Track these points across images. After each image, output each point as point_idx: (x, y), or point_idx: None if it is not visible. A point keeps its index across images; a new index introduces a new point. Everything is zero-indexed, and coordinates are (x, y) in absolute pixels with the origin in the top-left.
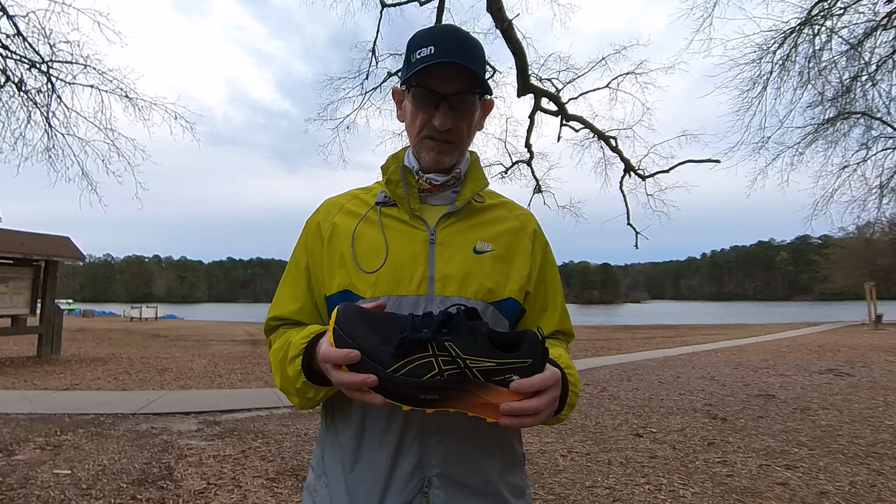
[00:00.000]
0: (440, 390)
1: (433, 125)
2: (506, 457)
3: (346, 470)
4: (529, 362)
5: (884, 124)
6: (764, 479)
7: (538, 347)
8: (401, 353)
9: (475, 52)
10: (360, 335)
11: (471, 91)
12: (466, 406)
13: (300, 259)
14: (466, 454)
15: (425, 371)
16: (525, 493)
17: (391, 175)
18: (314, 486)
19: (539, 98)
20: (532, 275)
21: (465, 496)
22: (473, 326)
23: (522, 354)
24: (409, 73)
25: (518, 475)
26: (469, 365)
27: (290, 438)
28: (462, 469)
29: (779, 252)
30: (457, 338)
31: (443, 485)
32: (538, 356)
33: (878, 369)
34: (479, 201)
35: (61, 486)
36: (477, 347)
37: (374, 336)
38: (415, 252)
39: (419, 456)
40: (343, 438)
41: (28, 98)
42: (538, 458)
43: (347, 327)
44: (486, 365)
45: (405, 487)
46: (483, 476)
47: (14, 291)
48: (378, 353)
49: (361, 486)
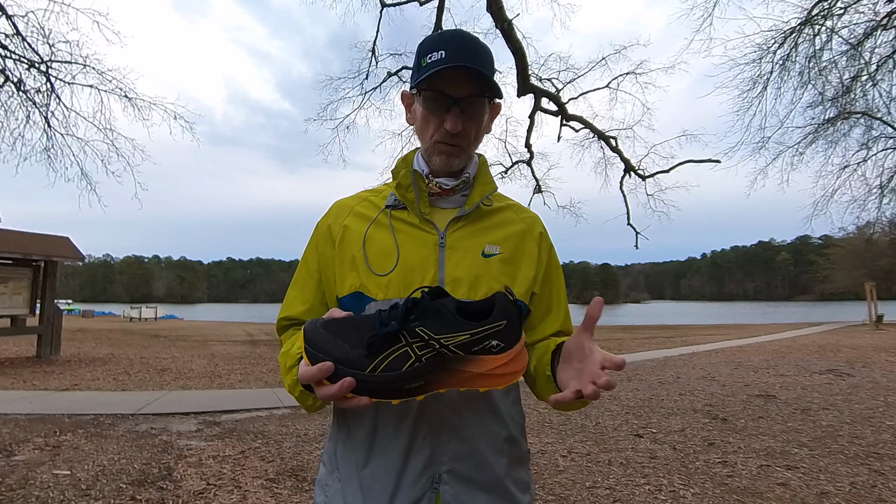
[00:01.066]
0: (422, 376)
1: (444, 129)
2: (513, 453)
3: (359, 466)
4: (504, 324)
5: (884, 124)
6: (764, 479)
7: (510, 308)
8: (373, 351)
9: (485, 56)
10: (329, 347)
11: (481, 94)
12: (455, 383)
13: (310, 261)
14: (476, 451)
15: (403, 362)
16: (530, 487)
17: (402, 179)
18: (326, 481)
19: (539, 98)
20: (538, 277)
21: (473, 492)
22: (439, 305)
23: (495, 318)
24: (420, 78)
25: (524, 471)
26: (444, 343)
27: (290, 439)
28: (471, 465)
29: (779, 252)
30: (426, 321)
31: (452, 481)
32: (512, 316)
33: (879, 370)
34: (487, 205)
35: (61, 487)
36: (448, 325)
37: (345, 343)
38: (425, 255)
39: (430, 453)
40: (356, 436)
41: (27, 98)
42: (538, 458)
43: (317, 343)
44: (461, 339)
45: (416, 483)
46: (491, 472)
47: (13, 292)
48: (351, 357)
49: (374, 482)
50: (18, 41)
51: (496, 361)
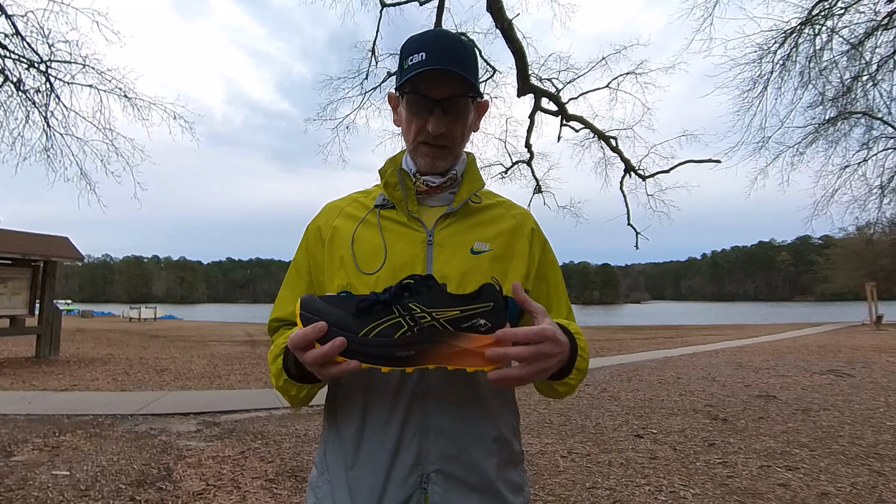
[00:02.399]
0: (414, 345)
1: (427, 130)
2: (503, 453)
3: (348, 466)
4: (492, 305)
5: (884, 124)
6: (765, 480)
7: (497, 295)
8: (362, 311)
9: (466, 55)
10: (324, 312)
11: (463, 95)
12: (444, 358)
13: (301, 262)
14: (464, 451)
15: (395, 331)
16: (524, 489)
17: (389, 178)
18: (317, 483)
19: (539, 98)
20: (531, 273)
21: (463, 492)
22: (431, 284)
23: (483, 299)
24: (401, 80)
25: (516, 472)
26: (436, 317)
27: (290, 439)
28: (460, 465)
29: (780, 252)
30: (418, 298)
31: (441, 481)
32: (498, 301)
33: (880, 370)
34: (476, 202)
35: (60, 488)
36: (439, 301)
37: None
38: (413, 253)
39: (417, 452)
40: (344, 435)
41: (26, 98)
42: (538, 458)
43: (312, 307)
44: (451, 314)
45: (404, 483)
46: (481, 472)
47: (12, 292)
48: (345, 321)
49: (362, 482)
50: (18, 41)
51: (483, 340)
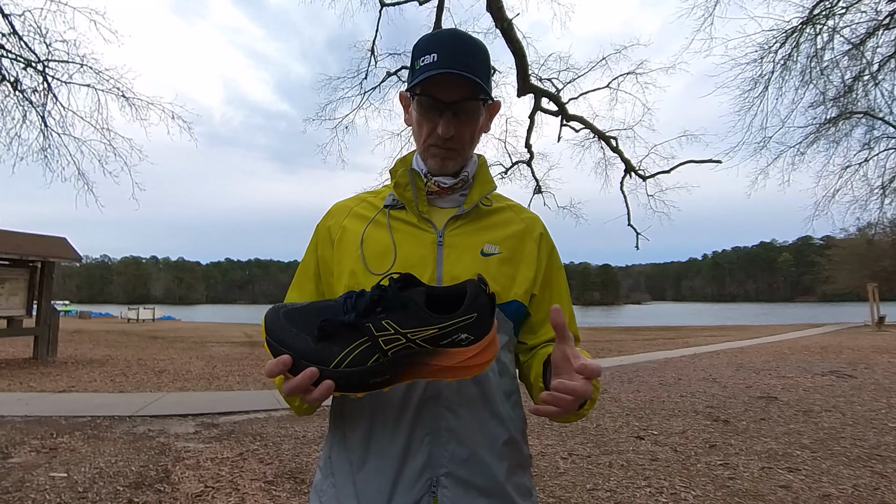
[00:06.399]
0: (388, 370)
1: (437, 133)
2: (513, 457)
3: (355, 469)
4: (475, 317)
5: (886, 124)
6: (766, 481)
7: (482, 298)
8: (326, 334)
9: (478, 58)
10: (290, 340)
11: (473, 98)
12: (423, 375)
13: (309, 263)
14: (474, 455)
15: (368, 356)
16: (532, 494)
17: (399, 178)
18: (321, 486)
19: (539, 98)
20: (537, 278)
21: (472, 496)
22: (406, 298)
23: (466, 311)
24: (413, 82)
25: (525, 476)
26: (411, 338)
27: (289, 441)
28: (470, 469)
29: (781, 253)
30: (393, 314)
31: (451, 485)
32: (483, 308)
33: (881, 371)
34: (487, 204)
35: (57, 490)
36: (415, 318)
37: (308, 335)
38: (423, 254)
39: (427, 456)
40: (351, 438)
41: (24, 97)
42: (539, 460)
43: (277, 335)
44: (429, 332)
45: (413, 487)
46: (491, 476)
47: (10, 293)
48: (314, 350)
49: (369, 485)
50: (15, 40)
51: (465, 354)
